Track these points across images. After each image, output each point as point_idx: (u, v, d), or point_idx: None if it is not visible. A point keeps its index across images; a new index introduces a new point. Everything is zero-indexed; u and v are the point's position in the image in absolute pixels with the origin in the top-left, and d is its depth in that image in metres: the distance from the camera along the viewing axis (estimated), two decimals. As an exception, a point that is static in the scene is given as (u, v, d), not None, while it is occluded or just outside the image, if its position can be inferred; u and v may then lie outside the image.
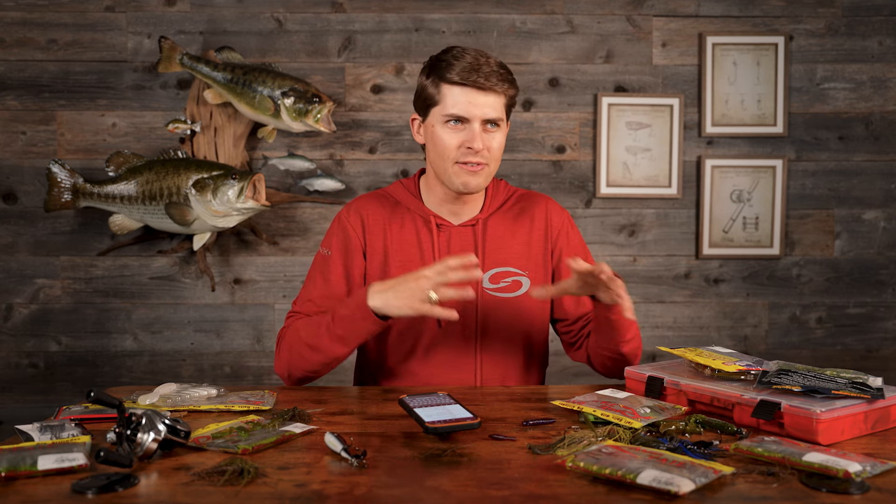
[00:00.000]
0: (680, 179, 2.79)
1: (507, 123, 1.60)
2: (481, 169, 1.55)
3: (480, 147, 1.53)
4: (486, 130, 1.54)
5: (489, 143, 1.54)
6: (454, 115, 1.53)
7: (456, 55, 1.54)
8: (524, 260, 1.65)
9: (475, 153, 1.53)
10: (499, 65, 1.55)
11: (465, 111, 1.52)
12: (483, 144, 1.53)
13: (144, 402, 1.37)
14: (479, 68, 1.52)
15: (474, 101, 1.52)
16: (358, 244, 1.63)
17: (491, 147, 1.55)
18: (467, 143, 1.53)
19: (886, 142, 2.83)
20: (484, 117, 1.53)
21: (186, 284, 2.77)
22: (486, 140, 1.54)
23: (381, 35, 2.76)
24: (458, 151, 1.54)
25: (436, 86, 1.55)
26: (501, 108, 1.55)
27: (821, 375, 1.27)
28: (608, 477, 0.99)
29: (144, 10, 2.72)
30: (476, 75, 1.51)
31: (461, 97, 1.52)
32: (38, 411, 2.66)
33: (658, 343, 2.82)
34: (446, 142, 1.55)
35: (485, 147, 1.53)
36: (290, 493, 0.97)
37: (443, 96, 1.54)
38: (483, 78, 1.51)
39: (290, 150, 2.75)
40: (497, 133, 1.56)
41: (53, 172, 2.61)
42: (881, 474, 1.03)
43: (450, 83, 1.53)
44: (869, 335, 2.86)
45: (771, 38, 2.78)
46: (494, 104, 1.53)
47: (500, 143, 1.57)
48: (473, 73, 1.51)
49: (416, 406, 1.24)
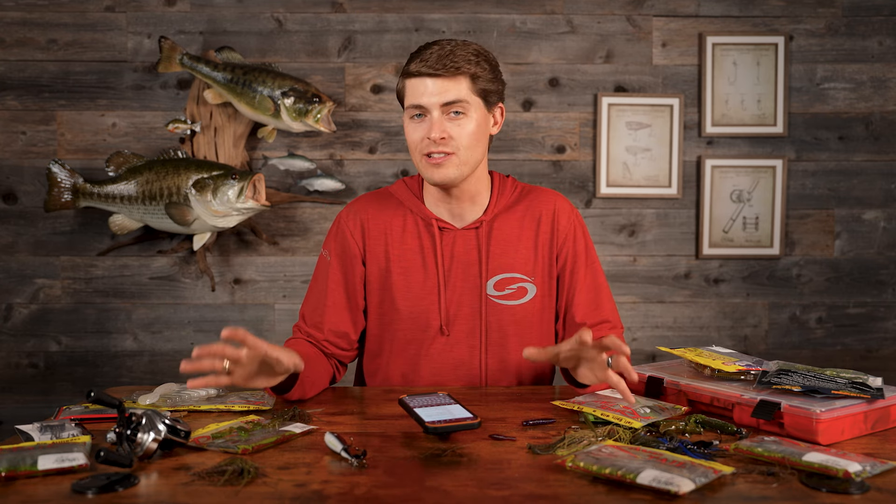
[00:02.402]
0: (680, 179, 2.79)
1: (489, 110, 1.55)
2: (446, 159, 1.49)
3: (437, 136, 1.48)
4: (449, 119, 1.49)
5: (452, 130, 1.49)
6: (412, 104, 1.50)
7: (420, 49, 1.52)
8: (530, 265, 1.60)
9: (434, 143, 1.48)
10: (461, 46, 1.50)
11: (419, 100, 1.49)
12: (445, 133, 1.48)
13: (144, 402, 1.37)
14: (432, 55, 1.48)
15: (428, 89, 1.48)
16: (357, 252, 1.60)
17: (455, 135, 1.49)
18: (426, 134, 1.49)
19: (886, 142, 2.83)
20: (441, 102, 1.48)
21: (186, 284, 2.77)
22: (450, 128, 1.49)
23: (381, 35, 2.76)
24: (422, 144, 1.50)
25: (402, 82, 1.54)
26: (465, 90, 1.49)
27: (821, 375, 1.27)
28: (608, 477, 0.99)
29: (144, 10, 2.72)
30: (427, 64, 1.48)
31: (416, 87, 1.50)
32: (38, 411, 2.66)
33: (658, 343, 2.82)
34: (411, 136, 1.52)
35: (448, 135, 1.48)
36: (290, 493, 0.97)
37: (405, 90, 1.53)
38: (433, 63, 1.47)
39: (290, 150, 2.75)
40: (464, 120, 1.50)
41: (53, 172, 2.61)
42: (881, 474, 1.03)
43: (407, 76, 1.52)
44: (869, 335, 2.86)
45: (771, 38, 2.78)
46: (451, 87, 1.48)
47: (469, 132, 1.50)
48: (425, 62, 1.48)
49: (416, 406, 1.23)
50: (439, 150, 1.49)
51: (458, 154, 1.50)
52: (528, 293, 1.59)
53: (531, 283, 1.59)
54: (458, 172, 1.52)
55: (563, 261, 1.62)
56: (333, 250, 1.62)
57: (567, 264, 1.62)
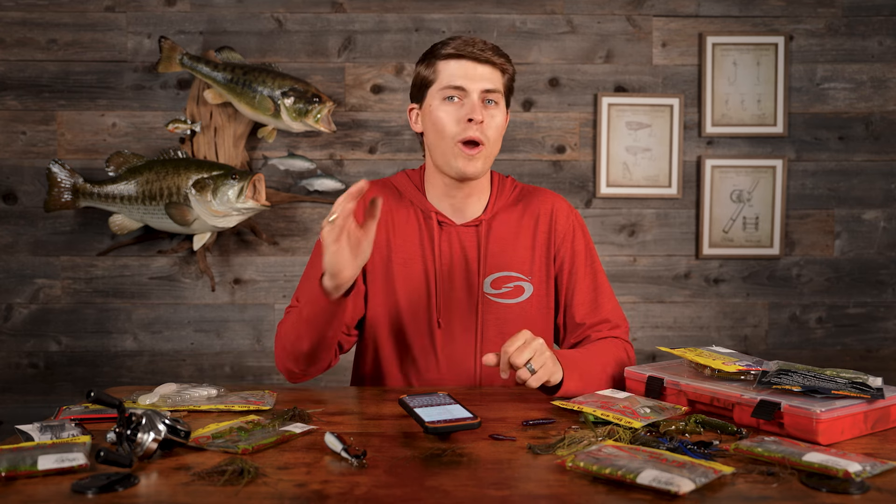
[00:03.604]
0: (680, 179, 2.79)
1: (506, 109, 1.56)
2: (479, 151, 1.50)
3: (480, 118, 1.47)
4: (485, 106, 1.50)
5: (488, 119, 1.50)
6: (452, 86, 1.50)
7: (451, 37, 1.54)
8: (528, 264, 1.60)
9: (475, 126, 1.48)
10: (493, 44, 1.54)
11: (462, 81, 1.49)
12: (483, 117, 1.48)
13: (144, 402, 1.37)
14: (474, 43, 1.51)
15: (471, 72, 1.49)
16: None
17: (490, 124, 1.50)
18: (467, 115, 1.48)
19: (886, 142, 2.83)
20: (482, 87, 1.49)
21: (186, 284, 2.77)
22: (486, 115, 1.49)
23: (381, 35, 2.76)
24: (458, 127, 1.49)
25: (431, 66, 1.53)
26: (499, 83, 1.52)
27: (821, 375, 1.27)
28: (608, 477, 0.99)
29: (144, 10, 2.73)
30: (472, 48, 1.50)
31: (458, 69, 1.50)
32: (38, 411, 2.66)
33: (658, 343, 2.82)
34: (444, 119, 1.50)
35: (484, 122, 1.49)
36: (290, 493, 0.97)
37: (438, 73, 1.52)
38: (479, 50, 1.50)
39: (290, 150, 2.75)
40: (496, 111, 1.52)
41: (53, 172, 2.61)
42: (881, 474, 1.03)
43: (445, 58, 1.51)
44: (869, 335, 2.86)
45: (771, 38, 2.78)
46: (492, 77, 1.51)
47: (499, 123, 1.52)
48: (468, 45, 1.50)
49: (416, 406, 1.23)
50: (477, 135, 1.49)
51: (487, 146, 1.51)
52: (525, 292, 1.60)
53: (528, 283, 1.60)
54: (484, 167, 1.53)
55: (560, 261, 1.63)
56: None
57: (565, 264, 1.62)
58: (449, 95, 1.51)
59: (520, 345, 1.31)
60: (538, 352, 1.32)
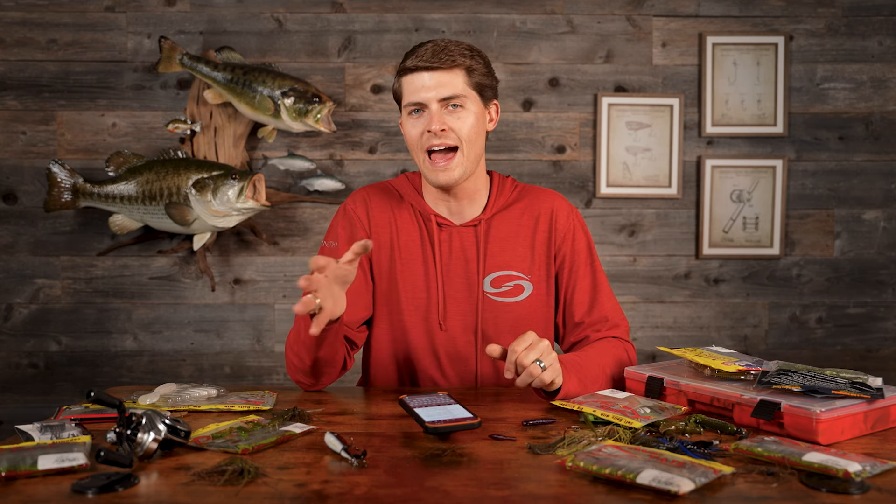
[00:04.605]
0: (680, 179, 2.79)
1: (486, 106, 1.56)
2: (450, 160, 1.51)
3: (437, 127, 1.49)
4: (448, 112, 1.51)
5: (453, 124, 1.50)
6: (410, 102, 1.52)
7: (413, 48, 1.54)
8: (527, 263, 1.61)
9: (434, 136, 1.49)
10: (453, 42, 1.53)
11: (417, 95, 1.50)
12: (445, 125, 1.49)
13: (144, 402, 1.37)
14: (426, 51, 1.50)
15: (427, 83, 1.50)
16: (364, 235, 1.60)
17: (456, 128, 1.50)
18: (426, 127, 1.50)
19: (886, 142, 2.83)
20: (438, 97, 1.50)
21: (186, 284, 2.77)
22: (450, 121, 1.50)
23: (381, 35, 2.76)
24: (422, 139, 1.51)
25: (399, 80, 1.56)
26: (460, 84, 1.51)
27: (821, 375, 1.27)
28: (608, 477, 0.99)
29: (144, 10, 2.73)
30: (422, 59, 1.50)
31: (414, 83, 1.51)
32: (38, 411, 2.66)
33: (658, 343, 2.82)
34: (410, 132, 1.53)
35: (448, 127, 1.50)
36: (290, 493, 0.97)
37: (403, 87, 1.54)
38: (434, 59, 1.49)
39: (290, 150, 2.75)
40: (463, 113, 1.51)
41: (53, 172, 2.61)
42: (881, 474, 1.03)
43: (404, 73, 1.53)
44: (869, 335, 2.86)
45: (771, 38, 2.78)
46: (447, 81, 1.50)
47: (469, 124, 1.52)
48: (420, 57, 1.50)
49: (416, 406, 1.23)
50: (441, 142, 1.50)
51: (461, 148, 1.52)
52: (525, 291, 1.60)
53: (527, 281, 1.60)
54: (462, 171, 1.53)
55: (560, 260, 1.63)
56: (341, 237, 1.61)
57: (565, 263, 1.63)
58: (412, 110, 1.53)
59: (527, 345, 1.31)
60: (545, 352, 1.32)
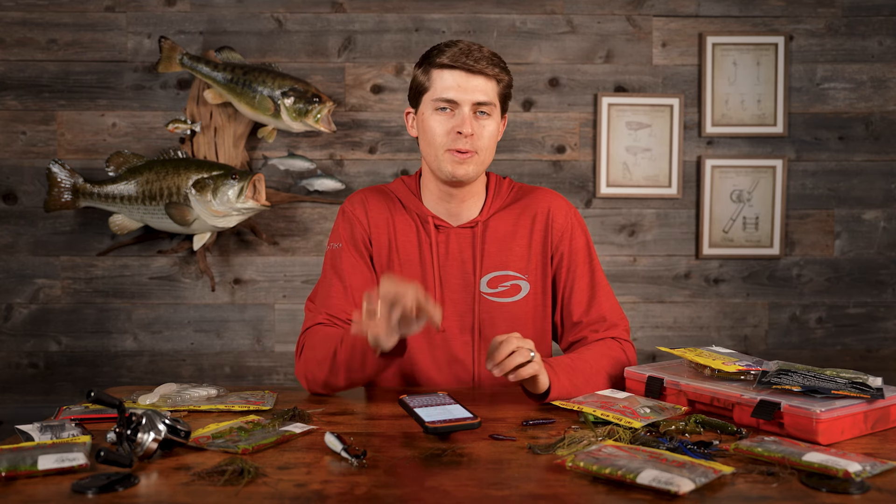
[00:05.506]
0: (680, 179, 2.79)
1: (501, 116, 1.57)
2: (470, 157, 1.51)
3: (470, 132, 1.49)
4: (476, 117, 1.51)
5: (479, 129, 1.51)
6: (443, 98, 1.50)
7: (448, 43, 1.54)
8: (524, 263, 1.60)
9: (464, 138, 1.50)
10: (491, 52, 1.53)
11: (454, 94, 1.50)
12: (473, 130, 1.50)
13: (144, 402, 1.37)
14: (469, 53, 1.50)
15: (464, 84, 1.50)
16: (366, 237, 1.60)
17: (481, 134, 1.51)
18: (457, 128, 1.49)
19: (886, 142, 2.83)
20: (474, 100, 1.50)
21: (186, 284, 2.77)
22: (476, 127, 1.51)
23: (381, 35, 2.76)
24: (448, 138, 1.51)
25: (426, 73, 1.54)
26: (493, 93, 1.52)
27: (821, 375, 1.27)
28: (608, 477, 0.99)
29: (144, 10, 2.73)
30: (466, 58, 1.49)
31: (451, 80, 1.50)
32: (38, 411, 2.66)
33: (658, 343, 2.82)
34: (435, 129, 1.52)
35: (475, 134, 1.50)
36: (290, 493, 0.97)
37: (433, 81, 1.52)
38: (473, 61, 1.49)
39: (290, 150, 2.75)
40: (488, 121, 1.53)
41: (53, 172, 2.61)
42: (881, 474, 1.03)
43: (439, 67, 1.51)
44: (869, 335, 2.86)
45: (771, 38, 2.78)
46: (485, 88, 1.51)
47: (491, 132, 1.53)
48: (463, 56, 1.50)
49: (416, 406, 1.23)
50: (469, 146, 1.50)
51: (479, 154, 1.53)
52: (522, 291, 1.60)
53: (525, 281, 1.60)
54: (476, 171, 1.54)
55: (558, 259, 1.63)
56: (344, 239, 1.61)
57: (563, 263, 1.62)
58: (441, 107, 1.52)
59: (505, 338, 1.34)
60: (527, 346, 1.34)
